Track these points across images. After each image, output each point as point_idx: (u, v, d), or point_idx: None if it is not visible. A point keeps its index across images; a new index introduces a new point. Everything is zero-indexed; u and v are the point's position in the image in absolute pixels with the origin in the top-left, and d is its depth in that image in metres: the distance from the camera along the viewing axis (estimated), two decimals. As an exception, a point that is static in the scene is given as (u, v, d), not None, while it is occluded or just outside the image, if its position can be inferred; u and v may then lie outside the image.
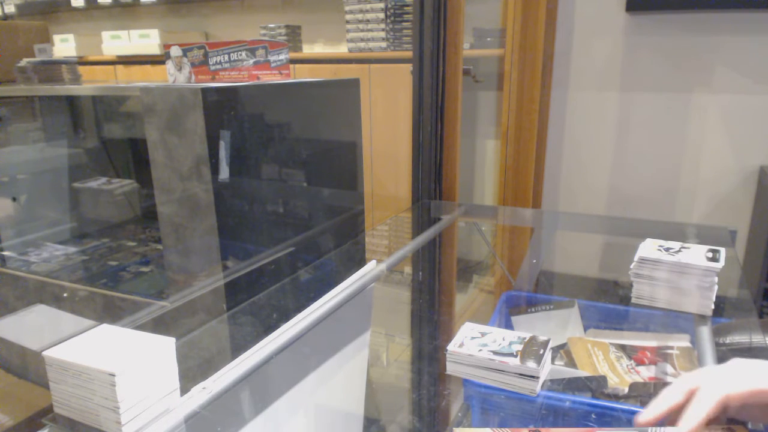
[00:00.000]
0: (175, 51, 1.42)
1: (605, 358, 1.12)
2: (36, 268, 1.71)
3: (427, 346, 1.24)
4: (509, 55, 2.11)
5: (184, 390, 0.72)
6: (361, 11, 2.59)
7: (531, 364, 0.83)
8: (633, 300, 1.04)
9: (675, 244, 1.06)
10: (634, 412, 0.87)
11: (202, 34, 3.48)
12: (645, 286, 1.03)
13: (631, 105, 2.26)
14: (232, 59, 1.38)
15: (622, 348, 1.15)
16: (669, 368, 1.08)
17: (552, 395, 0.89)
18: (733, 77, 2.08)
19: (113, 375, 0.62)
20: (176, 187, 1.23)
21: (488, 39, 2.42)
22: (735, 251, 1.36)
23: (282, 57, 1.47)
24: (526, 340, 0.89)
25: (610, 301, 1.26)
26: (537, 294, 1.36)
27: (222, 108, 1.20)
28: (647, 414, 0.61)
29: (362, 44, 2.63)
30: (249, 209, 1.31)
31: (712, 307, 0.97)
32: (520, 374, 0.83)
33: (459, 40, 1.70)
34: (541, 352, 0.85)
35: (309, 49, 3.13)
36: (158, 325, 1.33)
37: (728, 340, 1.03)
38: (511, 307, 1.30)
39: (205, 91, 1.16)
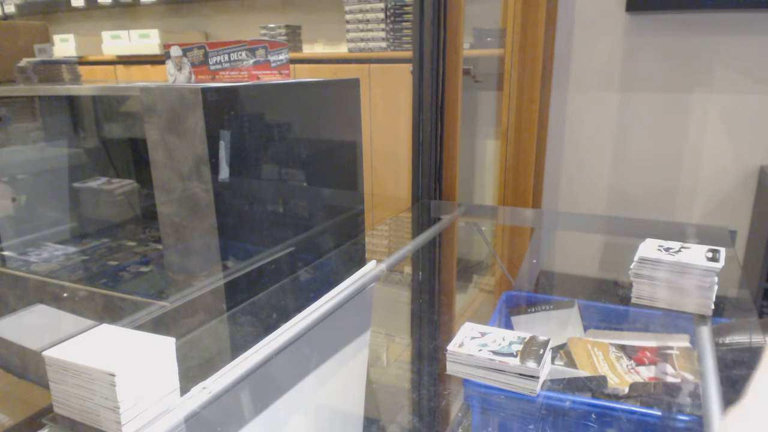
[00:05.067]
0: (175, 51, 1.42)
1: (605, 358, 1.12)
2: (36, 268, 1.71)
3: (427, 346, 1.24)
4: (509, 55, 2.11)
5: (184, 390, 0.72)
6: (361, 11, 2.58)
7: (531, 364, 0.83)
8: (633, 300, 1.04)
9: (675, 244, 1.06)
10: (634, 413, 0.88)
11: (202, 34, 3.48)
12: (645, 286, 1.03)
13: (631, 105, 2.26)
14: (232, 59, 1.38)
15: (622, 348, 1.15)
16: (669, 368, 1.08)
17: (552, 395, 0.89)
18: (733, 77, 2.08)
19: (113, 375, 0.62)
20: (176, 187, 1.23)
21: (488, 39, 2.42)
22: (735, 251, 1.36)
23: (282, 57, 1.47)
24: (526, 340, 0.89)
25: (610, 302, 1.26)
26: (537, 294, 1.36)
27: (222, 108, 1.20)
28: None
29: (362, 44, 2.62)
30: (249, 209, 1.31)
31: (712, 307, 0.97)
32: (520, 374, 0.83)
33: (459, 40, 1.70)
34: (541, 352, 0.85)
35: (309, 49, 3.13)
36: (158, 325, 1.33)
37: (728, 340, 1.03)
38: (511, 307, 1.30)
39: (205, 91, 1.16)
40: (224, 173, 1.22)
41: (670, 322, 1.17)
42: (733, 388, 0.83)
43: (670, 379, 1.05)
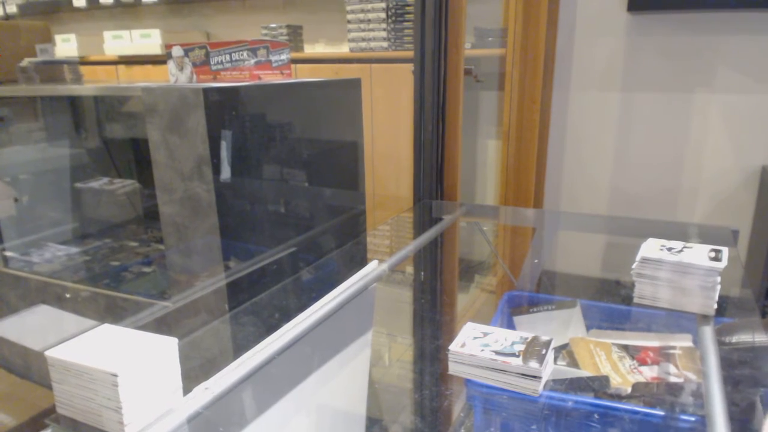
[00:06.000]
0: (177, 51, 1.42)
1: (608, 358, 1.12)
2: (38, 268, 1.71)
3: (429, 346, 1.24)
4: (510, 55, 2.10)
5: (187, 390, 0.72)
6: (362, 11, 2.58)
7: (533, 364, 0.83)
8: (635, 300, 1.04)
9: (677, 244, 1.06)
10: (637, 413, 0.87)
11: (204, 34, 3.49)
12: (647, 285, 1.03)
13: (633, 104, 2.26)
14: (233, 59, 1.38)
15: (625, 348, 1.15)
16: (672, 368, 1.08)
17: (554, 395, 0.89)
18: (735, 77, 2.07)
19: (115, 375, 0.62)
20: (178, 187, 1.23)
21: (489, 38, 2.42)
22: (737, 251, 1.35)
23: (283, 57, 1.47)
24: (528, 340, 0.88)
25: (612, 301, 1.26)
26: (539, 294, 1.36)
27: (223, 108, 1.20)
28: None
29: (363, 44, 2.62)
30: (250, 209, 1.31)
31: (715, 306, 0.97)
32: (523, 374, 0.83)
33: (460, 40, 1.70)
34: (544, 352, 0.85)
35: (310, 49, 3.13)
36: (160, 326, 1.33)
37: (731, 339, 1.03)
38: (513, 307, 1.30)
39: (206, 90, 1.16)
40: (226, 173, 1.22)
41: (672, 322, 1.17)
42: (736, 388, 0.83)
43: (672, 379, 1.05)
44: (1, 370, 1.75)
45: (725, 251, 1.01)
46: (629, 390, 1.00)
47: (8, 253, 1.82)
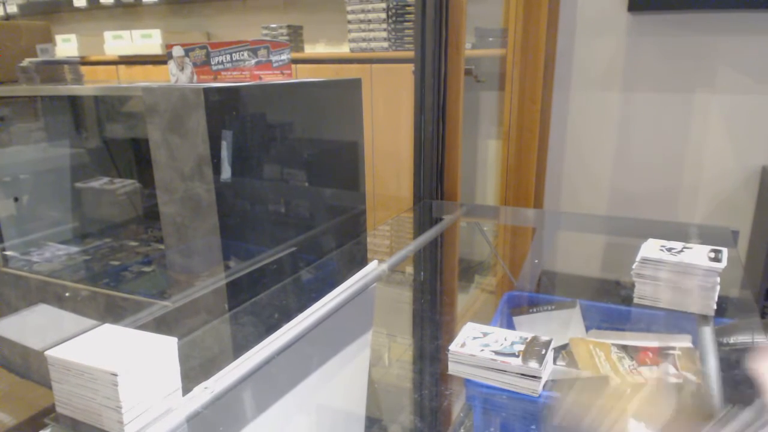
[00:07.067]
0: (177, 51, 1.42)
1: (607, 359, 1.11)
2: (38, 267, 1.71)
3: (429, 346, 1.24)
4: (511, 55, 2.10)
5: (186, 390, 0.72)
6: (362, 11, 2.59)
7: (533, 364, 0.83)
8: (635, 300, 1.04)
9: (677, 245, 1.06)
10: (636, 413, 0.87)
11: (204, 34, 3.49)
12: (647, 286, 1.03)
13: (633, 105, 2.26)
14: (234, 59, 1.38)
15: (624, 348, 1.15)
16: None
17: (554, 395, 0.89)
18: (736, 77, 2.07)
19: (115, 375, 0.62)
20: (178, 187, 1.23)
21: (490, 39, 2.42)
22: (737, 251, 1.35)
23: (284, 57, 1.47)
24: (528, 341, 0.89)
25: (612, 302, 1.26)
26: (539, 294, 1.36)
27: (224, 108, 1.20)
28: None
29: (364, 44, 2.62)
30: (251, 209, 1.31)
31: (714, 307, 0.97)
32: (522, 374, 0.83)
33: (461, 40, 1.70)
34: (543, 352, 0.85)
35: (311, 49, 3.13)
36: (160, 325, 1.33)
37: (730, 340, 1.03)
38: (513, 307, 1.30)
39: (207, 90, 1.16)
40: (226, 173, 1.22)
41: (672, 323, 1.17)
42: (735, 388, 0.83)
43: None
44: (1, 369, 1.75)
45: (725, 252, 1.01)
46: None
47: (8, 253, 1.82)
